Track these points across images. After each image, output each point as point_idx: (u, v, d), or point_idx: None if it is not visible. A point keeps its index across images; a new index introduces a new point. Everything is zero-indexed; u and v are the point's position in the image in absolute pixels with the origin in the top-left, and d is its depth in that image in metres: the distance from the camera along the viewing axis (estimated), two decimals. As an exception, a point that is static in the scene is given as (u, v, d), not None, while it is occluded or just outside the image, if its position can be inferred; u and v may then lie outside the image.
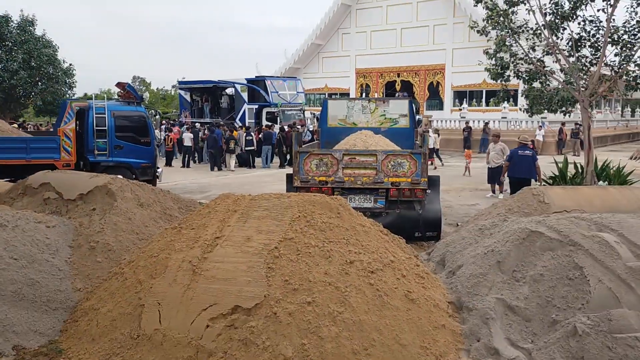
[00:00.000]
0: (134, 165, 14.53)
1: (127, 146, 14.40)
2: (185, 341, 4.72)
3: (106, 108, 14.26)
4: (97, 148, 14.11)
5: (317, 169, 9.13)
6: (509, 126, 30.45)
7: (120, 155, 14.37)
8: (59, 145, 13.63)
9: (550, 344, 4.76)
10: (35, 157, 13.40)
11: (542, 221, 5.90)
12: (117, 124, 14.30)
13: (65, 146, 13.73)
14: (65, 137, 13.75)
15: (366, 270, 5.30)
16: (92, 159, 14.16)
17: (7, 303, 5.44)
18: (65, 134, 13.75)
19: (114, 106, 14.71)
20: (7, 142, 13.61)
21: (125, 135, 14.43)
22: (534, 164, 11.89)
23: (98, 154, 14.16)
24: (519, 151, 12.21)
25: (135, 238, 6.85)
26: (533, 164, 11.87)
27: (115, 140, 14.27)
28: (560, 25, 15.47)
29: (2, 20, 32.23)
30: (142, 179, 14.15)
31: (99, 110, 14.17)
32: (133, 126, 14.59)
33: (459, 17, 36.19)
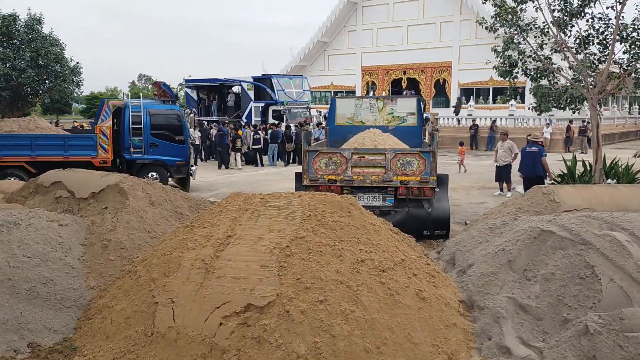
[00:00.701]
0: (169, 163, 14.83)
1: (162, 144, 14.71)
2: (199, 339, 4.76)
3: (142, 106, 14.60)
4: (133, 146, 14.46)
5: (326, 168, 9.16)
6: (517, 124, 30.33)
7: (155, 153, 14.69)
8: (96, 143, 13.98)
9: (562, 343, 4.78)
10: (73, 154, 13.80)
11: (553, 220, 5.91)
12: (153, 122, 14.64)
13: (102, 144, 14.07)
14: (102, 135, 14.06)
15: (377, 269, 5.33)
16: (128, 157, 14.51)
17: (22, 301, 5.50)
18: (102, 131, 14.06)
19: (149, 105, 15.04)
20: (46, 139, 13.98)
21: (161, 133, 14.77)
22: (540, 160, 11.78)
23: (134, 152, 14.51)
24: (526, 148, 12.19)
25: (147, 236, 6.91)
26: (538, 160, 11.77)
27: (150, 138, 14.60)
28: (569, 22, 15.43)
29: (9, 19, 32.36)
30: (176, 177, 14.81)
31: (135, 109, 14.53)
32: (168, 124, 14.90)
33: (466, 14, 36.07)
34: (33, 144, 13.66)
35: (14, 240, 5.95)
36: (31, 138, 13.83)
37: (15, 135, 13.98)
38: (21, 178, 13.08)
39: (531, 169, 11.83)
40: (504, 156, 14.41)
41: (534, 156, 11.76)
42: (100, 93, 60.51)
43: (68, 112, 46.99)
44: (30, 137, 13.90)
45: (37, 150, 13.61)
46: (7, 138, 13.73)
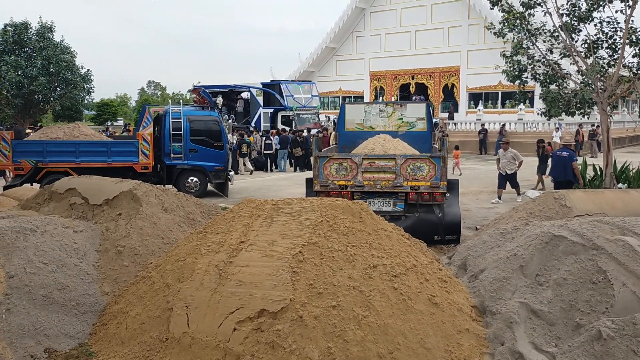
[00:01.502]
0: (208, 168, 15.14)
1: (201, 150, 15.06)
2: (213, 344, 4.81)
3: (182, 113, 14.97)
4: (173, 151, 14.84)
5: (337, 173, 9.20)
6: (526, 128, 30.26)
7: (194, 158, 15.03)
8: (138, 149, 14.39)
9: (575, 348, 4.78)
10: (115, 160, 14.29)
11: (565, 225, 5.91)
12: (192, 128, 14.99)
13: (144, 150, 14.48)
14: (144, 141, 14.47)
15: (389, 275, 5.36)
16: (168, 162, 14.86)
17: (38, 307, 5.57)
18: (143, 137, 14.46)
19: (189, 111, 15.40)
20: (90, 145, 14.46)
21: (200, 139, 15.09)
22: (570, 164, 11.74)
23: (174, 157, 14.86)
24: (557, 152, 12.16)
25: (161, 242, 6.98)
26: (569, 164, 11.72)
27: (190, 144, 14.96)
28: (577, 27, 15.42)
29: (21, 27, 32.76)
30: (214, 182, 15.15)
31: (175, 115, 14.92)
32: (207, 130, 15.23)
33: (474, 19, 36.07)
34: (78, 150, 14.09)
35: (30, 247, 6.03)
36: (76, 144, 14.25)
37: (60, 141, 14.37)
38: None
39: (561, 173, 11.80)
40: (508, 165, 14.08)
41: (565, 161, 11.73)
42: (110, 100, 60.98)
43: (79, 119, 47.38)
44: (75, 143, 14.31)
45: (81, 156, 14.04)
46: (53, 144, 14.12)
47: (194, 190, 14.95)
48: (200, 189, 15.23)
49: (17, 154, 13.70)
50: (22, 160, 13.72)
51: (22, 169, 13.72)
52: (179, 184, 15.06)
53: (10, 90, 31.33)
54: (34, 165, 13.77)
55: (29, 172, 13.72)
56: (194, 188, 15.08)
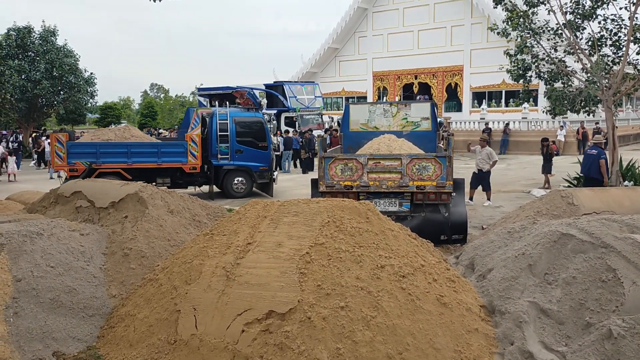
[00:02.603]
0: (253, 168, 15.40)
1: (246, 150, 15.36)
2: (221, 346, 4.80)
3: (228, 114, 15.31)
4: (220, 152, 15.14)
5: (342, 174, 9.18)
6: (530, 127, 30.19)
7: (240, 159, 15.34)
8: (187, 150, 14.77)
9: (585, 347, 4.75)
10: (165, 160, 14.71)
11: (573, 223, 5.88)
12: (238, 129, 15.32)
13: (192, 151, 14.82)
14: (192, 142, 14.79)
15: (397, 275, 5.33)
16: (215, 163, 15.17)
17: (45, 310, 5.57)
18: (192, 139, 14.78)
19: (235, 113, 15.80)
20: (142, 147, 14.83)
21: (245, 140, 15.39)
22: (597, 162, 11.76)
23: (221, 158, 15.17)
24: (587, 150, 12.15)
25: (167, 244, 6.97)
26: (596, 162, 11.75)
27: (236, 145, 15.27)
28: (581, 24, 15.38)
29: (24, 31, 32.88)
30: (259, 182, 15.46)
31: (222, 117, 15.23)
32: (252, 131, 15.54)
33: (477, 18, 36.03)
34: (129, 151, 14.45)
35: (37, 250, 6.03)
36: (128, 146, 14.59)
37: (113, 143, 14.70)
38: None
39: (588, 171, 11.86)
40: (482, 163, 13.64)
41: (592, 158, 11.77)
42: (113, 103, 61.08)
43: (82, 122, 47.52)
44: (127, 145, 14.66)
45: (133, 158, 14.42)
46: (105, 146, 14.48)
47: (240, 191, 15.32)
48: (246, 189, 15.51)
49: (72, 155, 14.11)
50: (76, 161, 14.14)
51: (76, 170, 14.11)
52: (225, 184, 15.39)
53: (14, 95, 31.44)
54: (87, 167, 14.16)
55: (83, 173, 14.03)
56: (241, 188, 15.38)
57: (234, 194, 15.29)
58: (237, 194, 15.31)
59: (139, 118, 59.51)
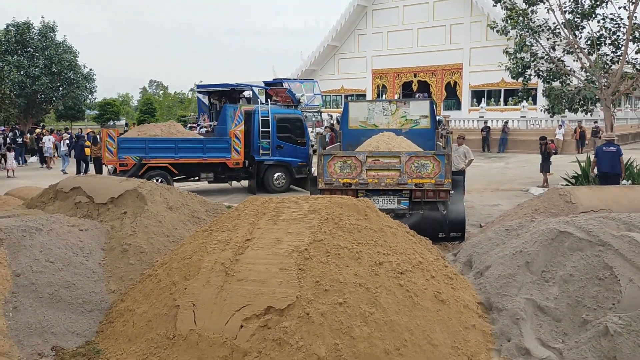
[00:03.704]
0: (292, 164, 15.77)
1: (286, 146, 15.70)
2: (220, 341, 4.82)
3: (270, 111, 15.66)
4: (261, 148, 15.47)
5: (341, 171, 9.19)
6: (528, 125, 30.22)
7: (280, 154, 15.70)
8: (230, 146, 15.25)
9: (582, 344, 4.78)
10: (210, 156, 15.14)
11: (571, 221, 5.91)
12: (279, 125, 15.66)
13: (236, 146, 15.26)
14: (236, 138, 15.25)
15: (395, 271, 5.36)
16: (257, 158, 15.49)
17: (45, 305, 5.58)
18: (235, 135, 15.31)
19: (275, 110, 16.13)
20: (188, 142, 15.28)
21: (285, 136, 15.71)
22: (619, 159, 11.80)
23: (262, 154, 15.48)
24: (603, 147, 12.10)
25: (166, 240, 6.98)
26: (617, 159, 11.80)
27: (276, 141, 15.59)
28: (580, 23, 15.41)
29: (23, 27, 32.84)
30: (297, 177, 15.83)
31: (263, 114, 15.58)
32: (291, 128, 15.84)
33: (476, 16, 36.03)
34: (177, 146, 14.88)
35: (36, 245, 6.04)
36: (175, 141, 14.98)
37: (161, 138, 15.05)
38: (165, 178, 14.63)
39: (609, 167, 11.85)
40: (457, 161, 12.88)
41: (613, 155, 11.78)
42: (112, 99, 61.01)
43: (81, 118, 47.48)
44: (174, 140, 15.03)
45: (180, 153, 14.85)
46: (154, 141, 14.85)
47: (280, 186, 15.63)
48: (286, 183, 15.82)
49: (122, 150, 14.47)
50: (126, 156, 14.49)
51: (126, 165, 14.50)
52: (266, 179, 15.69)
53: (13, 90, 31.39)
54: (137, 162, 14.54)
55: (133, 168, 14.44)
56: (281, 183, 15.68)
57: (274, 189, 15.62)
58: (277, 188, 15.62)
59: (137, 115, 59.44)
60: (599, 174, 12.04)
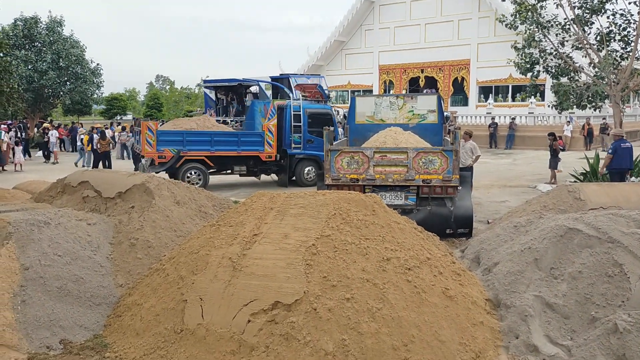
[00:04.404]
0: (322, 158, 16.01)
1: (317, 140, 15.96)
2: (227, 335, 4.83)
3: (301, 106, 16.08)
4: (293, 142, 15.91)
5: (349, 167, 9.16)
6: (536, 122, 30.07)
7: (311, 148, 16.14)
8: (264, 139, 15.66)
9: (590, 341, 4.76)
10: (244, 149, 15.55)
11: (580, 218, 5.87)
12: (310, 120, 16.05)
13: (269, 140, 15.63)
14: (269, 132, 15.59)
15: (403, 267, 5.34)
16: (289, 152, 15.89)
17: (53, 298, 5.61)
18: (268, 129, 15.68)
19: (307, 105, 16.54)
20: (224, 136, 15.61)
21: (315, 131, 15.99)
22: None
23: (294, 147, 15.91)
24: (621, 144, 12.02)
25: (174, 235, 6.99)
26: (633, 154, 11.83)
27: (307, 135, 16.03)
28: (589, 19, 15.28)
29: (31, 22, 32.92)
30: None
31: (295, 109, 16.01)
32: (321, 122, 15.99)
33: (484, 12, 35.80)
34: (213, 139, 15.21)
35: (44, 239, 6.06)
36: (211, 134, 15.31)
37: (198, 132, 15.32)
38: (201, 171, 15.08)
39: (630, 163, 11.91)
40: (464, 158, 12.72)
41: (631, 151, 11.78)
42: (119, 94, 61.13)
43: (88, 113, 47.61)
44: (211, 133, 15.35)
45: (215, 146, 15.20)
46: (191, 134, 15.13)
47: (310, 179, 15.99)
48: (316, 177, 16.07)
49: (161, 143, 14.70)
50: (164, 148, 14.73)
51: (164, 157, 14.76)
52: (297, 172, 16.08)
53: (21, 85, 31.48)
54: (175, 154, 14.81)
55: (171, 160, 14.75)
56: (311, 177, 16.05)
57: (305, 182, 15.99)
58: (308, 182, 15.95)
59: (144, 109, 59.54)
60: (617, 170, 11.95)
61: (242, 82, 31.13)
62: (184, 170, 14.89)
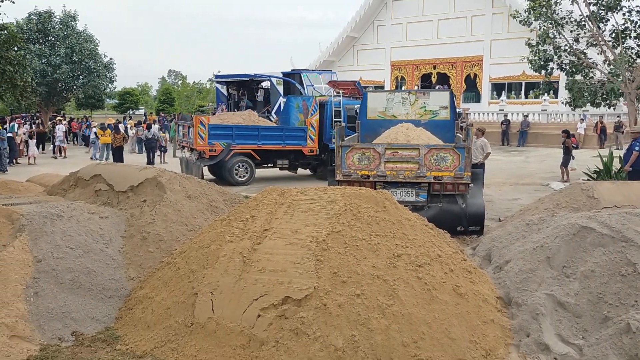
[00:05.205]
0: None
1: None
2: (237, 330, 4.85)
3: (341, 102, 16.44)
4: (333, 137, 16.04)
5: (359, 163, 9.13)
6: (549, 119, 29.81)
7: None
8: (306, 134, 16.10)
9: (603, 341, 4.72)
10: (288, 143, 16.02)
11: (593, 217, 5.81)
12: (349, 115, 16.26)
13: (311, 135, 16.04)
14: (311, 127, 15.99)
15: (414, 264, 5.32)
16: (331, 147, 15.92)
17: (65, 291, 5.66)
18: (311, 124, 16.08)
19: (346, 101, 16.87)
20: (269, 130, 16.15)
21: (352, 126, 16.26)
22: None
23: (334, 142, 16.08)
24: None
25: (185, 229, 7.02)
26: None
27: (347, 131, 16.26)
28: (605, 15, 15.11)
29: (45, 16, 33.12)
30: None
31: (336, 105, 16.37)
32: None
33: (498, 8, 35.53)
34: (260, 134, 15.74)
35: (57, 232, 6.11)
36: (258, 129, 15.89)
37: (247, 126, 15.92)
38: (248, 164, 15.63)
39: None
40: (475, 154, 12.02)
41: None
42: (131, 89, 61.43)
43: (101, 107, 47.91)
44: (257, 128, 15.95)
45: (262, 140, 15.71)
46: (240, 129, 15.67)
47: None
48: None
49: (212, 136, 15.08)
50: (215, 142, 15.13)
51: (214, 150, 15.16)
52: None
53: (35, 79, 31.72)
54: (225, 147, 15.24)
55: (221, 154, 15.19)
56: None
57: None
58: None
59: (156, 104, 59.80)
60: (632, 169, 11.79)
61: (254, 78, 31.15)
62: (232, 163, 15.37)
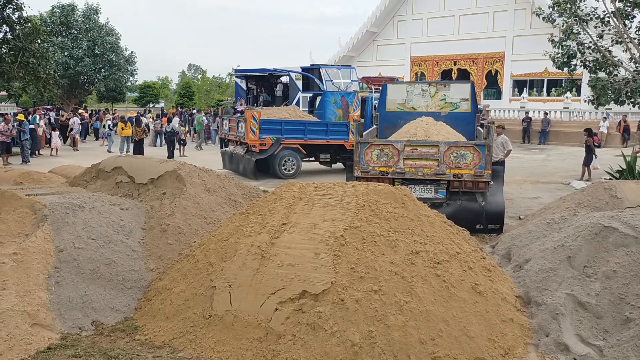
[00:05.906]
0: None
1: None
2: (255, 323, 4.87)
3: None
4: None
5: (378, 160, 9.07)
6: (571, 117, 29.38)
7: None
8: (348, 129, 16.29)
9: (624, 342, 4.65)
10: (332, 138, 16.37)
11: (616, 216, 5.72)
12: None
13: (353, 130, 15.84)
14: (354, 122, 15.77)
15: (432, 261, 5.30)
16: None
17: (86, 280, 5.74)
18: (353, 119, 15.94)
19: None
20: (315, 125, 16.53)
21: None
22: None
23: None
24: None
25: (204, 222, 7.06)
26: None
27: None
28: (631, 12, 14.81)
29: (68, 9, 33.55)
30: None
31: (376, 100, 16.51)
32: None
33: (520, 4, 35.06)
34: (306, 128, 16.13)
35: (78, 223, 6.19)
36: (305, 124, 16.26)
37: (294, 121, 16.26)
38: (295, 157, 16.00)
39: None
40: (495, 152, 11.80)
41: None
42: (152, 82, 61.90)
43: (122, 100, 48.34)
44: (304, 122, 16.31)
45: (308, 134, 16.09)
46: (289, 123, 16.02)
47: None
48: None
49: (262, 130, 15.51)
50: (265, 136, 15.56)
51: (264, 144, 15.58)
52: None
53: (57, 71, 32.13)
54: (275, 141, 15.64)
55: (271, 148, 15.61)
56: None
57: None
58: None
59: (176, 98, 60.20)
60: None
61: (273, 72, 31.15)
62: (280, 156, 15.75)
